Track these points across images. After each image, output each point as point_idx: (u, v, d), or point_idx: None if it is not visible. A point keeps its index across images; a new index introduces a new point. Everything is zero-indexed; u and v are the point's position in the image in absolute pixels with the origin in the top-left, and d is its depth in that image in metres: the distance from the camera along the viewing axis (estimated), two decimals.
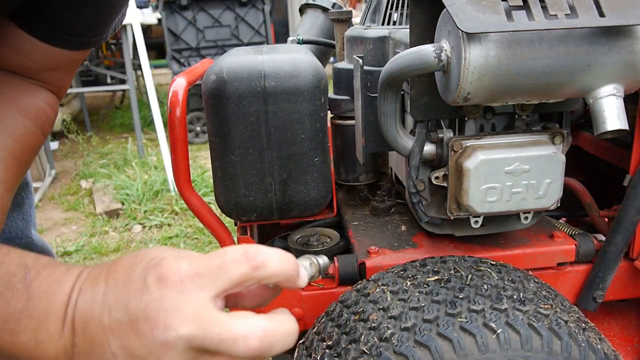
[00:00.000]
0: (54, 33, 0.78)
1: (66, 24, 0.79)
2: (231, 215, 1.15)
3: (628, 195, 1.07)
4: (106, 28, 0.85)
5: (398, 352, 0.79)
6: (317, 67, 1.09)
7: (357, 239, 1.18)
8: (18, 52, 0.79)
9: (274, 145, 1.08)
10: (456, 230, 1.10)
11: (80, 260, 3.22)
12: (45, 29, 0.78)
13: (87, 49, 0.85)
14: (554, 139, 0.99)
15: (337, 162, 1.38)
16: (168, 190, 4.08)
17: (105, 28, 0.85)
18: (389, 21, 1.29)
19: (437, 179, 1.02)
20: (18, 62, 0.80)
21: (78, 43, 0.82)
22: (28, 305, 0.53)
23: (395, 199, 1.34)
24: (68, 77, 0.88)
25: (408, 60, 0.90)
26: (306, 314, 1.10)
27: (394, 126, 1.01)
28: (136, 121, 4.90)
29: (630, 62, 0.83)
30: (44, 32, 0.78)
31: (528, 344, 0.79)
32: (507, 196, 0.97)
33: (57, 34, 0.79)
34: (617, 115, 0.83)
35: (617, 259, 1.10)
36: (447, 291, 0.86)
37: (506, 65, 0.82)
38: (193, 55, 5.56)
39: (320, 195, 1.14)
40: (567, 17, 0.79)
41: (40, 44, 0.78)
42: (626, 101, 0.87)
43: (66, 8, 0.77)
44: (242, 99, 1.05)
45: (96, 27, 0.84)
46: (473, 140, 0.98)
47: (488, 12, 0.79)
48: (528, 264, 1.10)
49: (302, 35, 1.67)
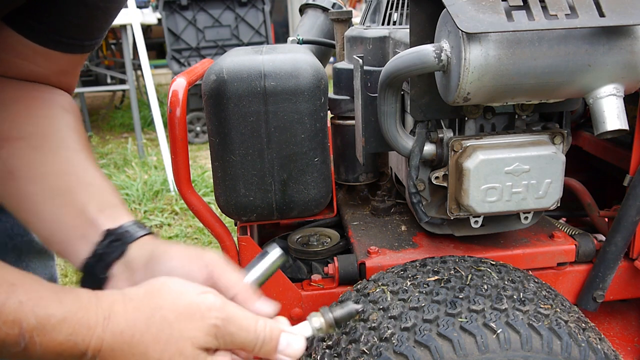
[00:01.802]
0: (49, 36, 0.80)
1: (61, 27, 0.80)
2: (231, 215, 1.15)
3: (628, 195, 1.07)
4: (102, 31, 0.86)
5: (398, 352, 0.79)
6: (317, 67, 1.09)
7: (357, 239, 1.18)
8: (23, 58, 0.80)
9: (274, 145, 1.08)
10: (456, 230, 1.10)
11: None
12: (40, 32, 0.79)
13: (83, 52, 0.87)
14: (554, 139, 0.99)
15: (337, 162, 1.38)
16: (168, 190, 4.08)
17: (101, 31, 0.86)
18: (389, 21, 1.29)
19: (437, 179, 1.02)
20: (27, 69, 0.82)
21: (73, 46, 0.83)
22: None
23: (395, 199, 1.34)
24: (73, 79, 0.90)
25: (408, 60, 0.90)
26: (306, 313, 1.09)
27: (394, 126, 1.01)
28: (136, 121, 4.90)
29: (630, 62, 0.83)
30: (39, 35, 0.79)
31: (528, 344, 0.79)
32: (507, 196, 0.97)
33: (54, 37, 0.80)
34: (617, 115, 0.83)
35: (617, 259, 1.10)
36: (447, 291, 0.86)
37: (506, 65, 0.82)
38: (193, 55, 5.56)
39: (320, 195, 1.14)
40: (567, 17, 0.79)
41: (39, 48, 0.80)
42: (626, 101, 0.87)
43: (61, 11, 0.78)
44: (242, 99, 1.05)
45: (91, 31, 0.85)
46: (473, 140, 0.98)
47: (488, 12, 0.79)
48: (528, 264, 1.10)
49: (302, 35, 1.67)
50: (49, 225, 0.76)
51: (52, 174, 0.78)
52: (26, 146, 0.79)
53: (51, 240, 0.77)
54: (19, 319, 0.55)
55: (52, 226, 0.76)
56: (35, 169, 0.78)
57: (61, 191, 0.77)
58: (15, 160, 0.78)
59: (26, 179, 0.78)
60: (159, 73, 7.80)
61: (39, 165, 0.78)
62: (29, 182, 0.78)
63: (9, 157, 0.78)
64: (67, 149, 0.81)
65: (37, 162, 0.78)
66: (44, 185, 0.77)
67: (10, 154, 0.78)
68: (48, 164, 0.79)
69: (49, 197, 0.77)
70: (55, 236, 0.77)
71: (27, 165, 0.78)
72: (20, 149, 0.79)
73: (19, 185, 0.77)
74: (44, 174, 0.78)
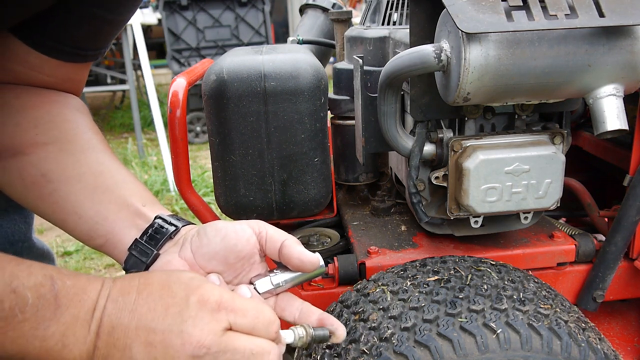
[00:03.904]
0: (54, 46, 0.81)
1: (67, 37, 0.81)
2: (231, 215, 1.15)
3: (628, 195, 1.07)
4: (108, 42, 0.88)
5: (398, 352, 0.79)
6: (317, 67, 1.09)
7: (357, 239, 1.18)
8: (30, 67, 0.82)
9: (274, 145, 1.08)
10: (456, 230, 1.10)
11: (80, 261, 3.22)
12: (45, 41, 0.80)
13: (90, 61, 0.88)
14: (554, 139, 0.99)
15: (337, 162, 1.38)
16: (168, 190, 4.08)
17: (107, 41, 0.88)
18: (389, 21, 1.29)
19: (437, 179, 1.02)
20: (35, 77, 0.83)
21: (76, 55, 0.85)
22: (57, 313, 0.59)
23: (395, 199, 1.34)
24: (81, 84, 0.92)
25: (408, 60, 0.90)
26: None
27: (394, 126, 1.01)
28: (136, 121, 4.90)
29: (630, 62, 0.83)
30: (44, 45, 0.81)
31: (528, 344, 0.79)
32: (507, 196, 0.97)
33: (58, 47, 0.82)
34: (617, 115, 0.83)
35: (617, 259, 1.10)
36: (447, 291, 0.86)
37: (506, 66, 0.82)
38: (193, 55, 5.56)
39: (320, 195, 1.14)
40: (567, 17, 0.79)
41: (45, 57, 0.81)
42: (626, 101, 0.87)
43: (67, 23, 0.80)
44: (242, 99, 1.05)
45: (98, 41, 0.87)
46: (473, 140, 0.98)
47: (488, 12, 0.79)
48: (528, 264, 1.10)
49: (302, 35, 1.67)
50: (91, 220, 0.79)
51: (87, 173, 0.81)
52: (56, 150, 0.81)
53: (93, 236, 0.79)
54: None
55: (95, 220, 0.78)
56: (70, 170, 0.80)
57: (100, 189, 0.80)
58: (48, 164, 0.80)
59: (62, 180, 0.80)
60: (159, 73, 7.80)
61: (72, 166, 0.81)
62: (66, 183, 0.80)
63: (40, 161, 0.80)
64: (94, 149, 0.84)
65: (70, 164, 0.81)
66: (81, 184, 0.80)
67: (41, 158, 0.80)
68: (81, 165, 0.81)
69: (89, 195, 0.79)
70: (98, 230, 0.79)
71: (61, 168, 0.80)
72: (50, 152, 0.81)
73: (55, 187, 0.79)
74: (80, 174, 0.80)
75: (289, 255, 0.73)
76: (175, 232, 0.77)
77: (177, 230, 0.77)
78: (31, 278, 0.58)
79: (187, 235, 0.77)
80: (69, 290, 0.60)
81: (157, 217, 0.78)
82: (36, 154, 0.80)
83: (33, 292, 0.57)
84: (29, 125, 0.81)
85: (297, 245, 0.74)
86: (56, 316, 0.58)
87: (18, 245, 1.02)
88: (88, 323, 0.60)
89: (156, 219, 0.78)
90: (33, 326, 0.57)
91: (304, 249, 0.74)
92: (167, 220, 0.78)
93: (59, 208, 0.80)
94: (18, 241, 1.02)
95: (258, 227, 0.75)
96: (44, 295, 0.58)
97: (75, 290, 0.61)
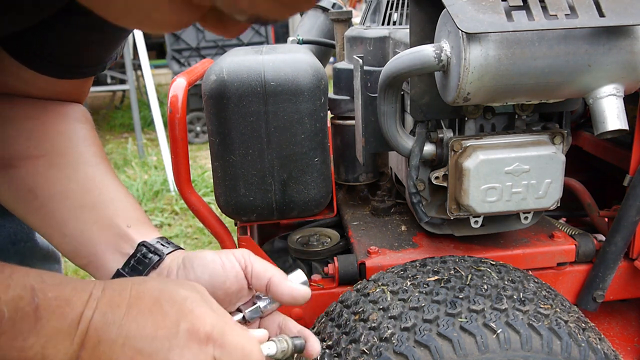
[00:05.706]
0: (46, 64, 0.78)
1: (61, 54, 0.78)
2: (231, 215, 1.15)
3: (628, 195, 1.07)
4: (106, 57, 0.85)
5: (398, 352, 0.79)
6: (317, 67, 1.09)
7: (357, 239, 1.18)
8: (24, 82, 0.79)
9: (274, 145, 1.08)
10: (456, 230, 1.10)
11: None
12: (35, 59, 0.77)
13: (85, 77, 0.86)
14: (554, 139, 0.99)
15: (337, 162, 1.38)
16: (168, 190, 4.08)
17: (105, 57, 0.85)
18: (389, 21, 1.29)
19: (437, 179, 1.02)
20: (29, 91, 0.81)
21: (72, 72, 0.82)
22: (37, 325, 0.57)
23: (395, 199, 1.34)
24: (83, 95, 0.90)
25: (408, 60, 0.90)
26: (306, 314, 1.09)
27: (394, 126, 1.01)
28: (136, 121, 4.90)
29: (630, 62, 0.83)
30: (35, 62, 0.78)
31: (528, 344, 0.79)
32: (507, 196, 0.97)
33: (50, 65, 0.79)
34: (617, 115, 0.83)
35: (617, 259, 1.10)
36: (447, 291, 0.86)
37: (506, 66, 0.82)
38: (193, 55, 5.57)
39: (320, 195, 1.14)
40: (567, 17, 0.79)
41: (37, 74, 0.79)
42: (626, 101, 0.87)
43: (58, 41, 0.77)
44: (242, 99, 1.05)
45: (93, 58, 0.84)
46: (473, 140, 0.98)
47: (488, 12, 0.80)
48: (528, 264, 1.10)
49: (302, 35, 1.67)
50: (75, 241, 0.77)
51: (75, 190, 0.79)
52: (45, 164, 0.79)
53: (76, 255, 0.78)
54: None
55: (79, 241, 0.77)
56: (57, 186, 0.79)
57: (86, 208, 0.78)
58: (36, 179, 0.79)
59: (48, 197, 0.78)
60: (159, 73, 7.80)
61: (60, 182, 0.79)
62: (51, 200, 0.78)
63: (28, 175, 0.79)
64: (86, 163, 0.82)
65: (58, 180, 0.79)
66: (67, 202, 0.78)
67: (29, 173, 0.79)
68: (69, 181, 0.79)
69: (73, 214, 0.77)
70: (81, 251, 0.77)
71: (48, 184, 0.79)
72: (39, 167, 0.79)
73: (41, 204, 0.78)
74: (67, 191, 0.79)
75: (280, 292, 0.73)
76: (159, 262, 0.75)
77: (161, 260, 0.75)
78: (9, 291, 0.56)
79: (171, 265, 0.75)
80: (50, 303, 0.58)
81: (140, 244, 0.76)
82: (25, 168, 0.79)
83: (10, 306, 0.56)
84: (22, 138, 0.79)
85: (285, 280, 0.73)
86: (36, 328, 0.57)
87: (20, 245, 1.01)
88: (71, 335, 0.58)
89: (139, 247, 0.76)
90: (10, 337, 0.56)
91: (292, 283, 0.74)
92: (151, 248, 0.76)
93: (46, 224, 0.79)
94: (20, 241, 1.02)
95: (244, 260, 0.74)
96: (22, 308, 0.56)
97: (58, 303, 0.59)
